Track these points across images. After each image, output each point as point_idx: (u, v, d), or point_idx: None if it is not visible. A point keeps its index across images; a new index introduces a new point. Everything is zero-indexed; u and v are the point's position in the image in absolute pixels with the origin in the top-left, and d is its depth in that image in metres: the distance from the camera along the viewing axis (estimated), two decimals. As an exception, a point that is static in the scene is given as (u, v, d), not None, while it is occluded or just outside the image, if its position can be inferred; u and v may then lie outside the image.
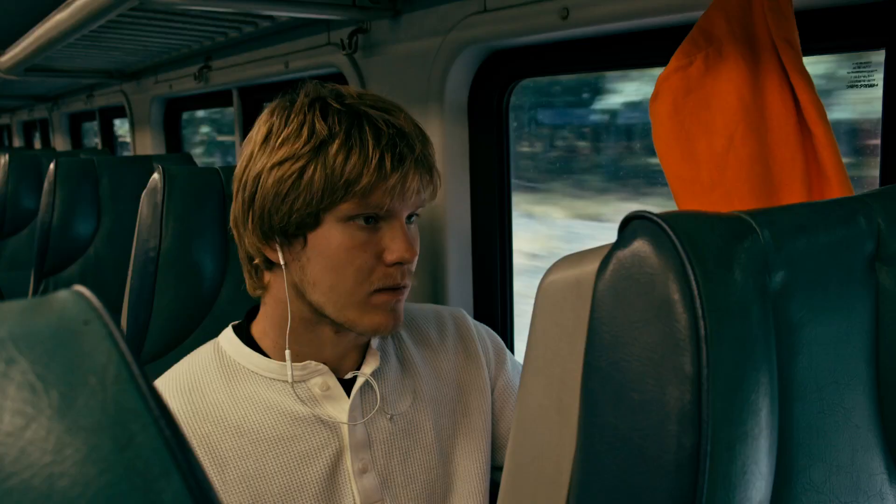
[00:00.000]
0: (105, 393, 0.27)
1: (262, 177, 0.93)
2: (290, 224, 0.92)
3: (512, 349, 1.60)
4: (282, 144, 0.92)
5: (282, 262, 0.96)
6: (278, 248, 0.96)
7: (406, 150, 0.92)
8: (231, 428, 0.95)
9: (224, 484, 0.92)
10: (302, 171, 0.90)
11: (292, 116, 0.93)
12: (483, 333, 1.18)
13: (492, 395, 1.14)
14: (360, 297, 0.94)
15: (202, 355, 1.02)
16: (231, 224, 1.02)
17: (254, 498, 0.92)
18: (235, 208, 0.99)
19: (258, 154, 0.94)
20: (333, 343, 1.01)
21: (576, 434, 0.53)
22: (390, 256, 0.93)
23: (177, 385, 0.98)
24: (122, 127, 4.21)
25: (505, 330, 1.59)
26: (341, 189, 0.90)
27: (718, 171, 0.88)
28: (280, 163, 0.91)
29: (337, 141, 0.90)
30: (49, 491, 0.25)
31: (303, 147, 0.90)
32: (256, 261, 0.99)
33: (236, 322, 1.06)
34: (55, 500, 0.24)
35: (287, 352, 0.98)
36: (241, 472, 0.93)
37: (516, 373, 1.17)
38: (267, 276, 1.01)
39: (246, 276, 1.04)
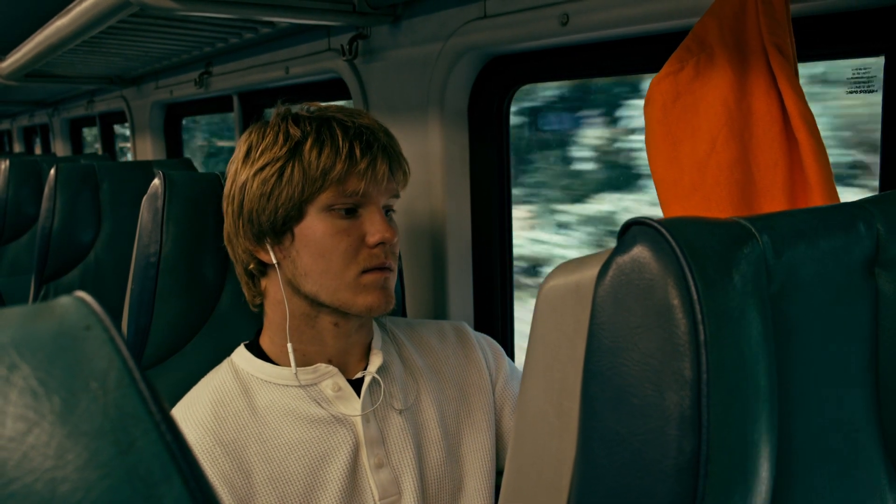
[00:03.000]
0: (106, 398, 0.27)
1: (248, 184, 1.02)
2: (277, 220, 1.01)
3: (512, 356, 1.60)
4: (262, 154, 1.02)
5: (274, 261, 1.04)
6: (269, 249, 1.04)
7: (372, 138, 1.02)
8: (253, 435, 1.00)
9: (251, 487, 0.97)
10: (282, 170, 1.00)
11: (268, 130, 1.03)
12: (482, 340, 1.23)
13: (492, 396, 1.18)
14: (349, 278, 1.01)
15: (219, 373, 1.09)
16: (225, 241, 1.10)
17: (280, 499, 0.98)
18: (227, 223, 1.08)
19: (242, 168, 1.04)
20: (335, 337, 1.07)
21: (576, 438, 0.54)
22: (371, 238, 1.01)
23: (201, 400, 1.04)
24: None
25: (505, 337, 1.59)
26: (319, 179, 0.99)
27: (699, 174, 0.89)
28: (262, 168, 1.01)
29: (310, 139, 1.00)
30: (51, 496, 0.25)
31: (280, 150, 1.00)
32: (251, 266, 1.07)
33: (246, 341, 1.13)
34: (57, 505, 0.24)
35: (289, 345, 1.05)
36: (266, 476, 0.98)
37: (514, 377, 1.21)
38: (263, 283, 1.09)
39: (244, 289, 1.12)
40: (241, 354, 1.10)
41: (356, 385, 1.07)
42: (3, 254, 2.67)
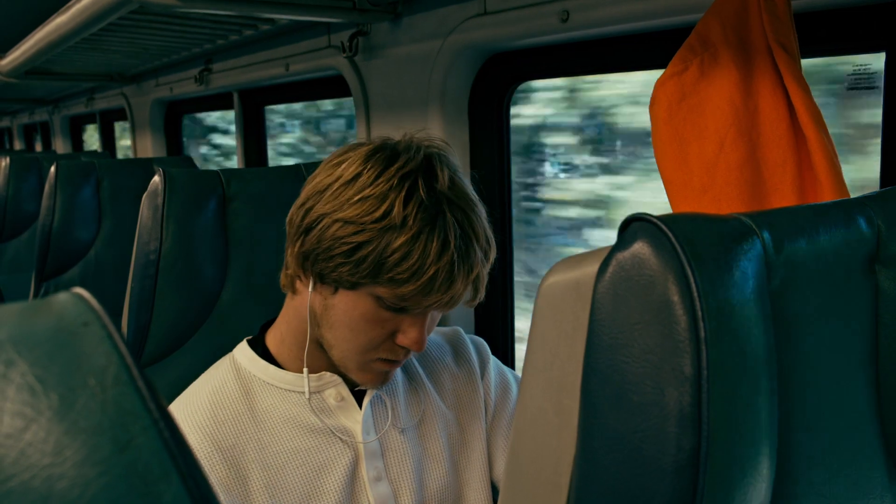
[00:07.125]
0: (104, 395, 0.27)
1: (325, 221, 0.92)
2: (327, 276, 0.94)
3: (512, 355, 1.60)
4: (359, 201, 0.90)
5: (310, 290, 0.98)
6: (310, 280, 0.97)
7: (459, 272, 0.92)
8: (251, 440, 0.98)
9: (247, 493, 0.95)
10: (361, 245, 0.90)
11: (382, 179, 0.91)
12: (470, 343, 1.21)
13: (482, 399, 1.17)
14: (363, 360, 0.98)
15: (220, 371, 1.06)
16: (287, 218, 1.00)
17: None
18: (295, 213, 0.98)
19: (338, 190, 0.93)
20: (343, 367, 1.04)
21: (575, 436, 0.53)
22: (403, 340, 0.96)
23: (199, 400, 1.01)
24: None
25: (506, 337, 1.59)
26: (385, 280, 0.90)
27: (709, 175, 0.89)
28: (346, 222, 0.91)
29: (404, 236, 0.89)
30: (48, 492, 0.25)
31: (373, 222, 0.89)
32: (290, 271, 1.01)
33: (250, 337, 1.10)
34: (54, 502, 0.24)
35: (305, 370, 1.02)
36: (263, 483, 0.96)
37: (498, 377, 1.19)
38: (298, 286, 1.02)
39: (283, 270, 1.04)
40: (243, 352, 1.07)
41: (358, 396, 1.05)
42: (3, 251, 2.67)
